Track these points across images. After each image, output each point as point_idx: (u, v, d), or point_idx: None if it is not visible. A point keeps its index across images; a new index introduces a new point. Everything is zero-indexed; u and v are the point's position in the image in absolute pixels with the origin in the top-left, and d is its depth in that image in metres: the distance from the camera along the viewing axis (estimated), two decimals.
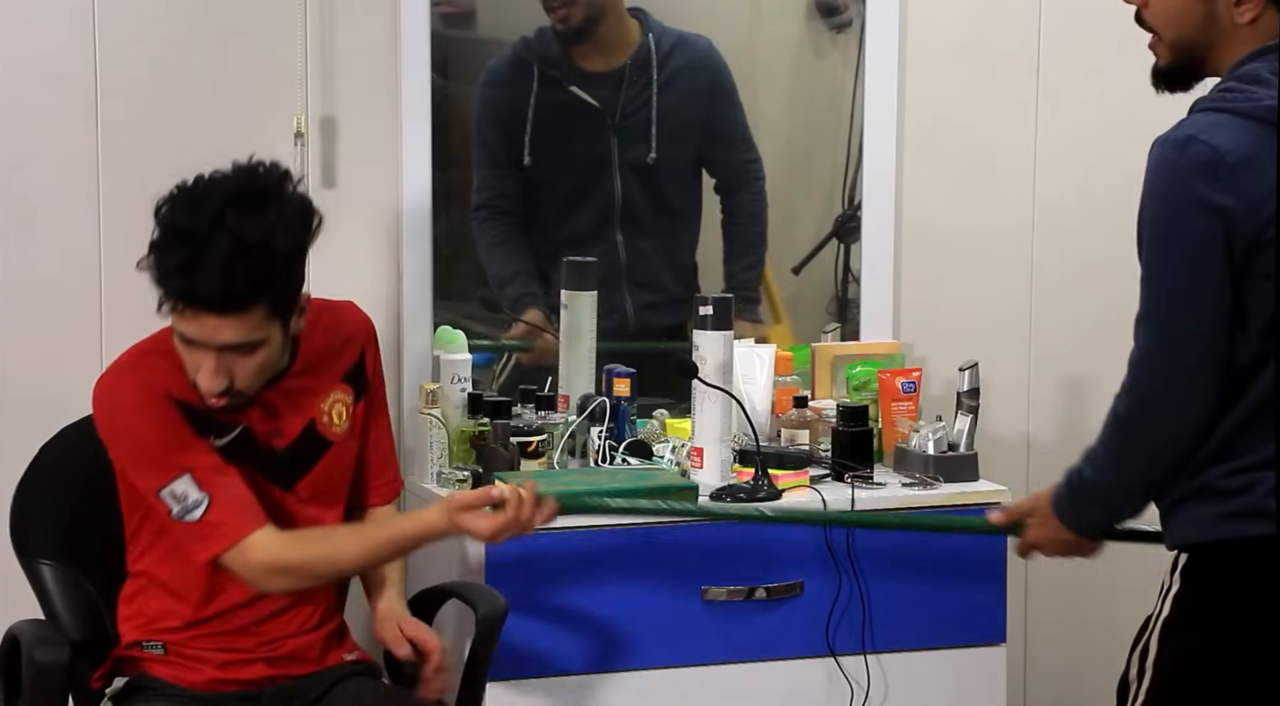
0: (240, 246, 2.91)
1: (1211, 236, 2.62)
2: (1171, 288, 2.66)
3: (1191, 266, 2.64)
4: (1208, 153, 2.63)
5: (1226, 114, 2.67)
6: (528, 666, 3.45)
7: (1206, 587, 2.72)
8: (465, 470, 3.65)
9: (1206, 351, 2.65)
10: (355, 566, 3.17)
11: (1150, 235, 2.69)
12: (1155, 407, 2.69)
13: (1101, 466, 2.79)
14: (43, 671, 3.04)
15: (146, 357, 3.10)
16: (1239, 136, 2.64)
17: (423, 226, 3.84)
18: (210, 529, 3.04)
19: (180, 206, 2.96)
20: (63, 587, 3.25)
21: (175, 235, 2.94)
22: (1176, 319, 2.66)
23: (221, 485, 3.05)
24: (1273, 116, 2.63)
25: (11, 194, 3.63)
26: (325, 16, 3.75)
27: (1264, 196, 2.61)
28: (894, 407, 3.87)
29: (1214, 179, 2.62)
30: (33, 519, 3.29)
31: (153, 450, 3.05)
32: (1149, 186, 2.69)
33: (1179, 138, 2.66)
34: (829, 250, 4.22)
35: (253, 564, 3.06)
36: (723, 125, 4.14)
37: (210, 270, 2.90)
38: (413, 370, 3.82)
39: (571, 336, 3.87)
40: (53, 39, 3.62)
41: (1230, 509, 2.69)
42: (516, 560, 3.43)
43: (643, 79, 4.04)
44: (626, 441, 3.76)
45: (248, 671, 3.18)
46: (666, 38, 4.07)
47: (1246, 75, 2.70)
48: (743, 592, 3.55)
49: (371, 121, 3.79)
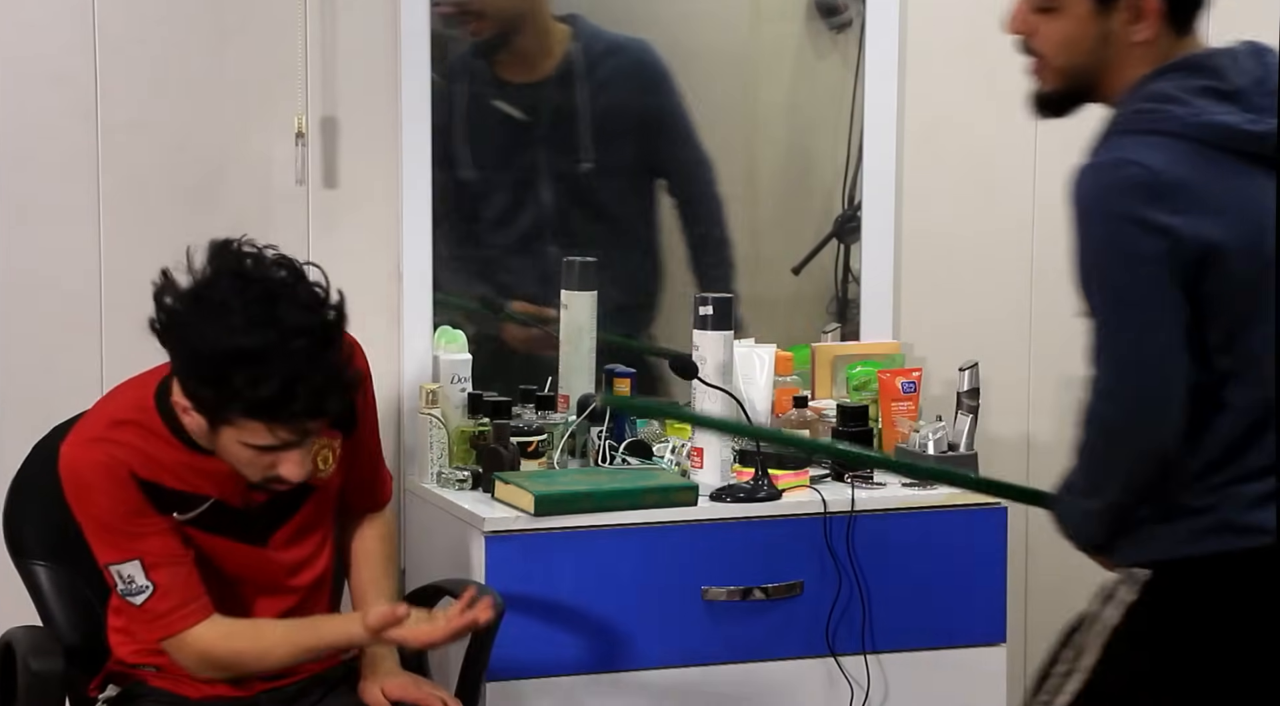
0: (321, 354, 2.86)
1: (1160, 256, 2.55)
2: (1127, 314, 2.58)
3: (1145, 290, 2.56)
4: (1144, 174, 2.55)
5: (1150, 135, 2.59)
6: (527, 666, 3.45)
7: (1170, 607, 2.66)
8: (465, 470, 3.65)
9: (1170, 378, 2.58)
10: (281, 665, 3.12)
11: (1094, 263, 2.60)
12: (1121, 436, 2.62)
13: (1075, 487, 2.71)
14: (38, 679, 3.03)
15: (117, 430, 3.03)
16: (1169, 156, 2.57)
17: (423, 226, 3.84)
18: (152, 617, 3.04)
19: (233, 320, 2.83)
20: (58, 589, 3.25)
21: (251, 358, 2.81)
22: (1136, 346, 2.58)
23: (168, 575, 3.02)
24: (1202, 133, 2.58)
25: (11, 194, 3.63)
26: (325, 16, 3.75)
27: (1204, 218, 2.56)
28: (894, 407, 3.87)
29: (1154, 199, 2.55)
30: (27, 519, 3.28)
31: (108, 528, 3.02)
32: (1083, 215, 2.60)
33: (1109, 161, 2.59)
34: (829, 250, 4.22)
35: (187, 654, 3.06)
36: (664, 128, 4.10)
37: (315, 387, 2.84)
38: (413, 370, 3.82)
39: (571, 336, 3.87)
40: (53, 39, 3.62)
41: (1200, 525, 2.63)
42: (516, 560, 3.43)
43: (570, 87, 4.01)
44: (626, 441, 3.76)
45: (241, 687, 3.17)
46: (598, 42, 4.02)
47: (1157, 95, 2.62)
48: (742, 592, 3.55)
49: (371, 121, 3.79)
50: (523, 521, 3.44)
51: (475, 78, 3.96)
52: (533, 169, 4.00)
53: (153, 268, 3.44)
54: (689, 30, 4.13)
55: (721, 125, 4.21)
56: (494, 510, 3.48)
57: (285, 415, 2.87)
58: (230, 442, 2.94)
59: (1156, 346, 2.58)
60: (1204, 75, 2.63)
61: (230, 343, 2.82)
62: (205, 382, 2.87)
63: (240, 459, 2.96)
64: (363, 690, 3.18)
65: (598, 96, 4.01)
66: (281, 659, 3.10)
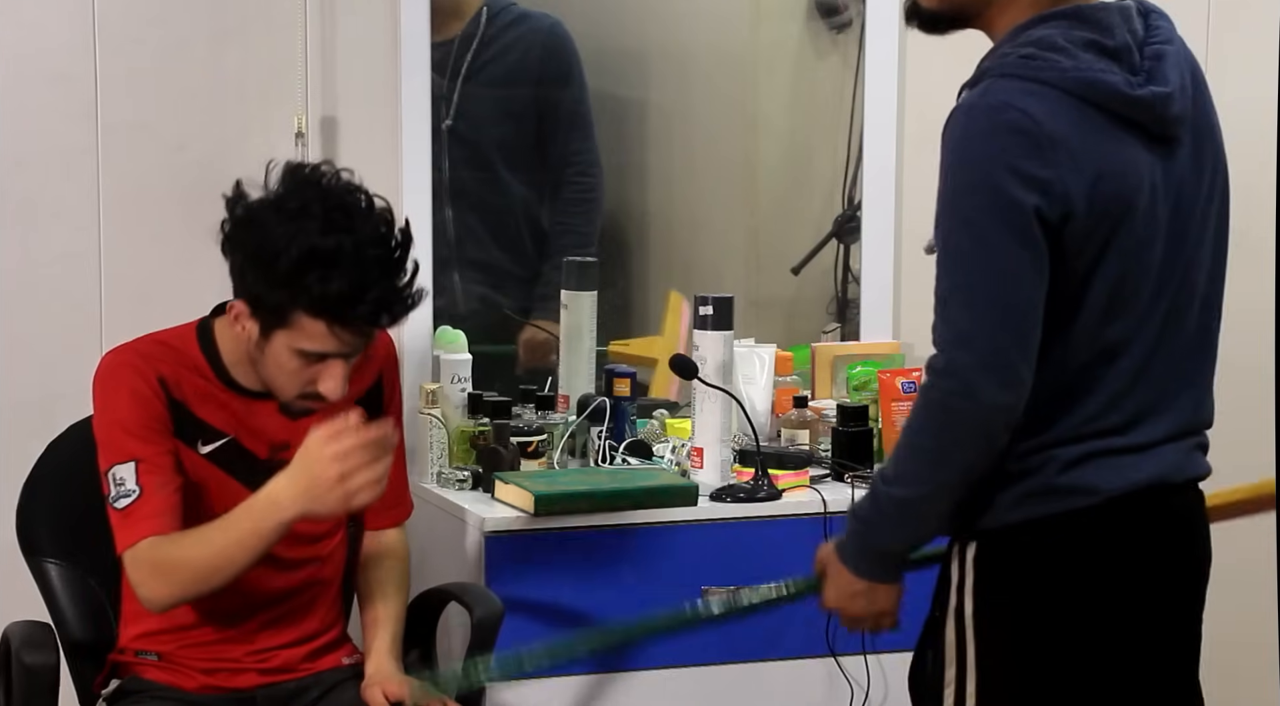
0: (391, 265, 2.98)
1: (1032, 207, 2.48)
2: (989, 260, 2.50)
3: (1011, 238, 2.49)
4: (1025, 122, 2.50)
5: (1033, 83, 2.53)
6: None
7: (1008, 573, 2.62)
8: (465, 470, 3.65)
9: (1027, 328, 2.52)
10: (227, 559, 2.98)
11: (959, 205, 2.53)
12: (980, 388, 2.51)
13: (911, 475, 2.58)
14: (32, 674, 3.04)
15: (157, 347, 3.12)
16: (1052, 107, 2.52)
17: (423, 226, 3.84)
18: (128, 523, 3.03)
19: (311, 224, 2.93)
20: (69, 587, 3.26)
21: (326, 258, 2.91)
22: (997, 292, 2.51)
23: (155, 484, 3.04)
24: (1084, 90, 2.53)
25: (12, 193, 3.63)
26: (325, 16, 3.75)
27: (1073, 176, 2.51)
28: (894, 407, 3.87)
29: (1034, 148, 2.49)
30: (39, 517, 3.29)
31: (119, 429, 3.06)
32: (955, 154, 2.54)
33: (991, 104, 2.53)
34: (829, 250, 4.22)
35: (142, 568, 3.00)
36: (551, 108, 4.07)
37: (382, 293, 2.95)
38: (413, 370, 3.82)
39: (571, 336, 3.87)
40: (53, 38, 3.63)
41: (1024, 490, 2.59)
42: (517, 560, 3.43)
43: (470, 52, 3.99)
44: (626, 441, 3.76)
45: (239, 680, 3.17)
46: (505, 13, 4.01)
47: (1044, 42, 2.57)
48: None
49: (371, 121, 3.79)
50: (523, 521, 3.44)
51: None
52: (436, 129, 3.92)
53: (153, 268, 3.46)
54: (689, 30, 4.13)
55: (721, 125, 4.22)
56: (494, 510, 3.49)
57: (350, 316, 2.94)
58: (280, 350, 3.00)
59: (1020, 299, 2.51)
60: (1089, 28, 2.58)
61: (308, 242, 2.92)
62: (276, 281, 2.94)
63: (285, 369, 3.02)
64: (364, 690, 3.18)
65: (495, 65, 3.99)
66: (221, 548, 2.97)
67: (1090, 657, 2.65)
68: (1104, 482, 2.61)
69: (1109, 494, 2.60)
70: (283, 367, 3.02)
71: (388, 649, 3.22)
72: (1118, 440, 2.61)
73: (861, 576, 2.67)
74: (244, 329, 3.02)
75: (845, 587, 2.70)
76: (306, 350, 2.99)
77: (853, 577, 2.68)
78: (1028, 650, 2.63)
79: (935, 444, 2.56)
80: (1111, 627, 2.65)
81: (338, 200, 2.99)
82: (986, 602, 2.64)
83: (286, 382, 3.05)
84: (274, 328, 2.98)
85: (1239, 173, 2.85)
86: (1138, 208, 2.57)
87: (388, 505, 3.25)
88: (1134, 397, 2.62)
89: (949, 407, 2.54)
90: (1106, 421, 2.61)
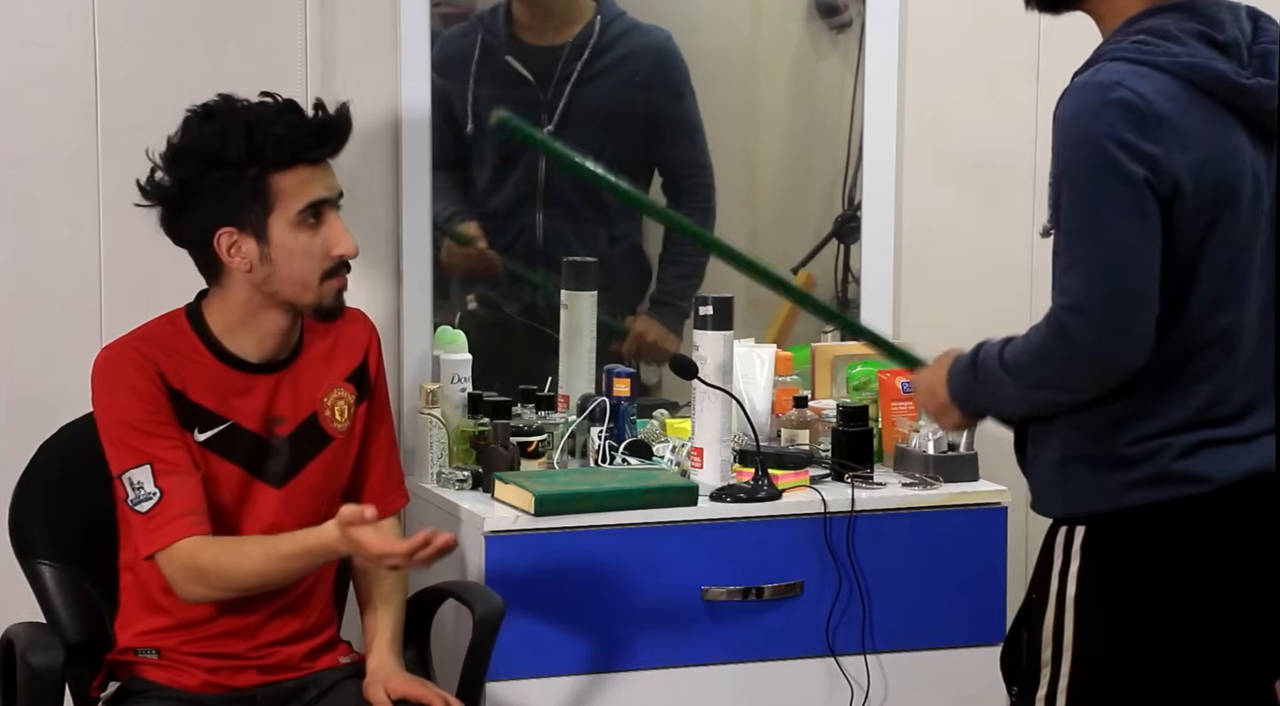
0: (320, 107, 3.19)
1: (1142, 178, 2.58)
2: (1106, 233, 2.60)
3: (1127, 211, 2.59)
4: (1134, 98, 2.60)
5: (1143, 65, 2.63)
6: (527, 666, 3.45)
7: (1117, 561, 2.69)
8: (465, 470, 3.65)
9: (1144, 298, 2.60)
10: (261, 576, 3.10)
11: (1075, 181, 2.63)
12: (1090, 353, 2.62)
13: (1017, 372, 2.72)
14: (37, 675, 3.03)
15: (148, 341, 3.16)
16: (1158, 88, 2.61)
17: (423, 226, 3.84)
18: (154, 526, 3.06)
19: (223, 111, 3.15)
20: (62, 588, 3.25)
21: (260, 114, 3.12)
22: (1113, 265, 2.60)
23: (176, 484, 3.07)
24: (1193, 74, 2.62)
25: (12, 193, 3.63)
26: (325, 16, 3.75)
27: (1181, 155, 2.60)
28: (894, 407, 3.87)
29: (1142, 126, 2.59)
30: (32, 519, 3.28)
31: (127, 429, 3.09)
32: (1069, 133, 2.64)
33: (1101, 82, 2.62)
34: (829, 250, 4.22)
35: (176, 567, 3.07)
36: (666, 123, 4.09)
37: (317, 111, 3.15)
38: (413, 370, 3.82)
39: (571, 336, 3.87)
40: (53, 39, 3.62)
41: (1136, 476, 2.67)
42: (517, 560, 3.43)
43: (581, 60, 4.01)
44: (626, 441, 3.76)
45: (239, 677, 3.18)
46: (618, 22, 4.03)
47: (1157, 30, 2.67)
48: (742, 592, 3.55)
49: (371, 121, 3.79)
50: (523, 521, 3.44)
51: (491, 30, 3.97)
52: None
53: (153, 268, 3.46)
54: (689, 30, 4.13)
55: (721, 125, 4.21)
56: (494, 510, 3.49)
57: (309, 137, 3.11)
58: (285, 234, 3.09)
59: (1135, 268, 2.60)
60: (1201, 20, 2.68)
61: (237, 119, 3.11)
62: (238, 164, 3.08)
63: (299, 251, 3.11)
64: (366, 688, 3.19)
65: (608, 74, 4.01)
66: (258, 565, 3.07)
67: (1190, 645, 2.72)
68: (1217, 471, 2.67)
69: (1221, 482, 2.67)
70: (296, 251, 3.10)
71: (389, 645, 3.23)
72: (1228, 430, 2.68)
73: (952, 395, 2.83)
74: (244, 257, 3.10)
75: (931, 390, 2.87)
76: (308, 204, 3.09)
77: (944, 389, 2.84)
78: (1130, 635, 2.69)
79: (1036, 372, 2.69)
80: (1213, 617, 2.70)
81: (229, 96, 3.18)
82: (1092, 587, 2.69)
83: (309, 266, 3.12)
84: (265, 216, 3.08)
85: None
86: (1243, 194, 2.65)
87: (381, 495, 3.28)
88: (1243, 388, 2.69)
89: (1055, 359, 2.65)
90: (1219, 410, 2.67)
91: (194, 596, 3.10)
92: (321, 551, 3.05)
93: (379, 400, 3.32)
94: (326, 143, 3.14)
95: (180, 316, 3.19)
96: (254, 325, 3.16)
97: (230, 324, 3.16)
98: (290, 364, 3.21)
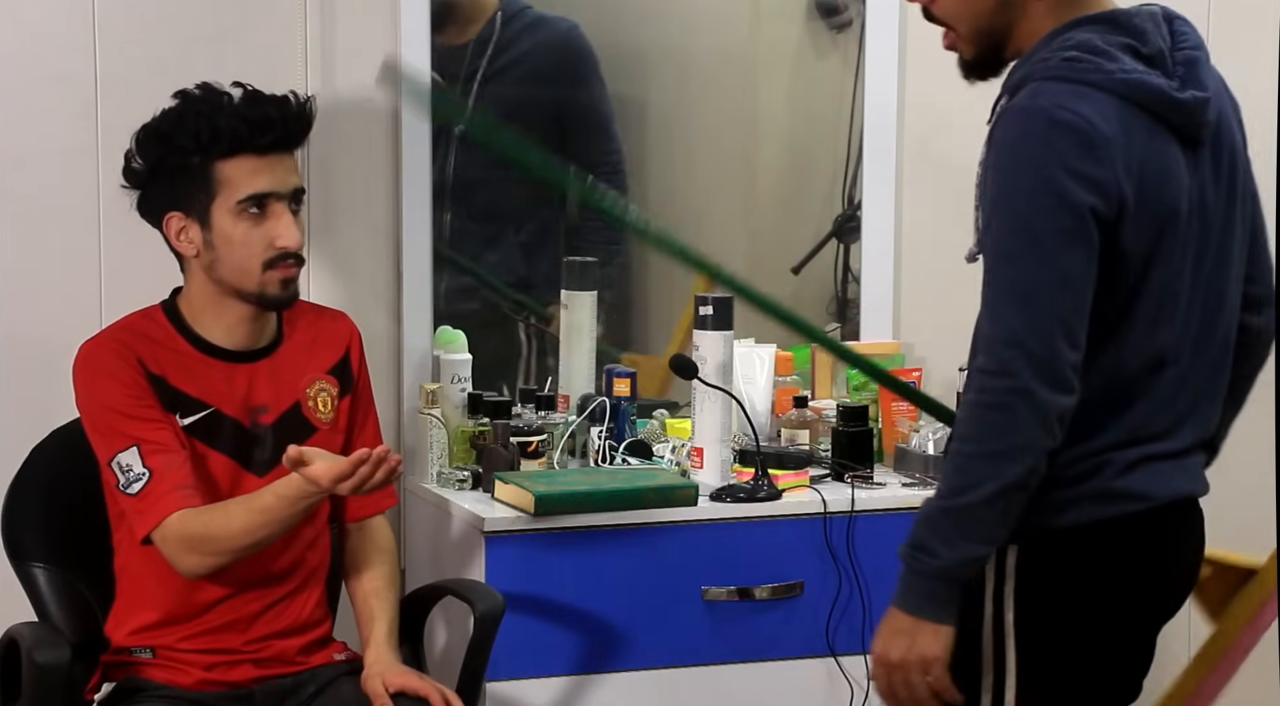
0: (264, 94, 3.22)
1: (1088, 207, 2.50)
2: (1043, 261, 2.50)
3: (1066, 239, 2.50)
4: (1079, 122, 2.51)
5: (1079, 84, 2.54)
6: (527, 666, 3.45)
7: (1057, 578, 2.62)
8: (465, 470, 3.65)
9: (1078, 329, 2.52)
10: (246, 532, 3.08)
11: (1013, 206, 2.53)
12: (1035, 387, 2.49)
13: (973, 480, 2.51)
14: (44, 673, 3.02)
15: (125, 331, 3.21)
16: (1099, 109, 2.53)
17: (423, 226, 3.83)
18: (146, 504, 3.09)
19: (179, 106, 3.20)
20: (56, 590, 3.25)
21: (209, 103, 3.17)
22: (1050, 293, 2.50)
23: (164, 462, 3.10)
24: (1131, 92, 2.55)
25: (12, 193, 3.63)
26: (325, 17, 3.75)
27: (1129, 176, 2.53)
28: (894, 407, 3.87)
29: (1088, 150, 2.50)
30: (25, 522, 3.29)
31: (112, 414, 3.12)
32: (1009, 157, 2.54)
33: (1043, 107, 2.53)
34: (829, 250, 4.22)
35: (169, 540, 3.09)
36: (575, 112, 4.06)
37: (272, 101, 3.18)
38: (413, 370, 3.82)
39: (571, 336, 3.87)
40: (53, 39, 3.62)
41: (1077, 494, 2.59)
42: (516, 560, 3.43)
43: (485, 57, 3.98)
44: (626, 441, 3.76)
45: (235, 672, 3.19)
46: (521, 17, 4.00)
47: (1085, 45, 2.58)
48: (742, 592, 3.55)
49: (371, 121, 3.79)
50: (523, 521, 3.44)
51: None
52: (441, 132, 3.91)
53: (153, 268, 3.45)
54: (689, 30, 4.13)
55: (721, 125, 4.22)
56: (494, 510, 3.48)
57: (258, 128, 3.14)
58: (226, 222, 3.14)
59: (1072, 301, 2.51)
60: (1125, 33, 2.60)
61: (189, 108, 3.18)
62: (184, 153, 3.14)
63: (239, 241, 3.14)
64: (364, 681, 3.20)
65: (512, 70, 3.98)
66: (244, 520, 3.08)
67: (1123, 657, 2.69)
68: (1156, 489, 2.63)
69: (1159, 500, 2.63)
70: (235, 239, 3.14)
71: (385, 639, 3.25)
72: (1164, 445, 2.64)
73: (909, 612, 2.57)
74: (191, 242, 3.16)
75: (887, 627, 2.59)
76: (244, 197, 3.12)
77: (898, 613, 2.58)
78: (1074, 653, 2.64)
79: (996, 445, 2.52)
80: (1140, 631, 2.69)
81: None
82: (1031, 608, 2.62)
83: (248, 255, 3.15)
84: (209, 203, 3.13)
85: None
86: (1181, 212, 2.60)
87: (368, 496, 3.28)
88: (1176, 405, 2.64)
89: (1006, 406, 2.51)
90: (1154, 426, 2.63)
91: (192, 567, 3.10)
92: (297, 493, 3.05)
93: (362, 396, 3.34)
94: (268, 133, 3.16)
95: (156, 309, 3.25)
96: (218, 312, 3.20)
97: (196, 311, 3.21)
98: (269, 353, 3.25)
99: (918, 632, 2.56)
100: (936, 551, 2.54)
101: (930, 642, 2.56)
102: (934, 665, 2.56)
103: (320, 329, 3.32)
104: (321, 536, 3.31)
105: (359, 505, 3.33)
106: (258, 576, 3.20)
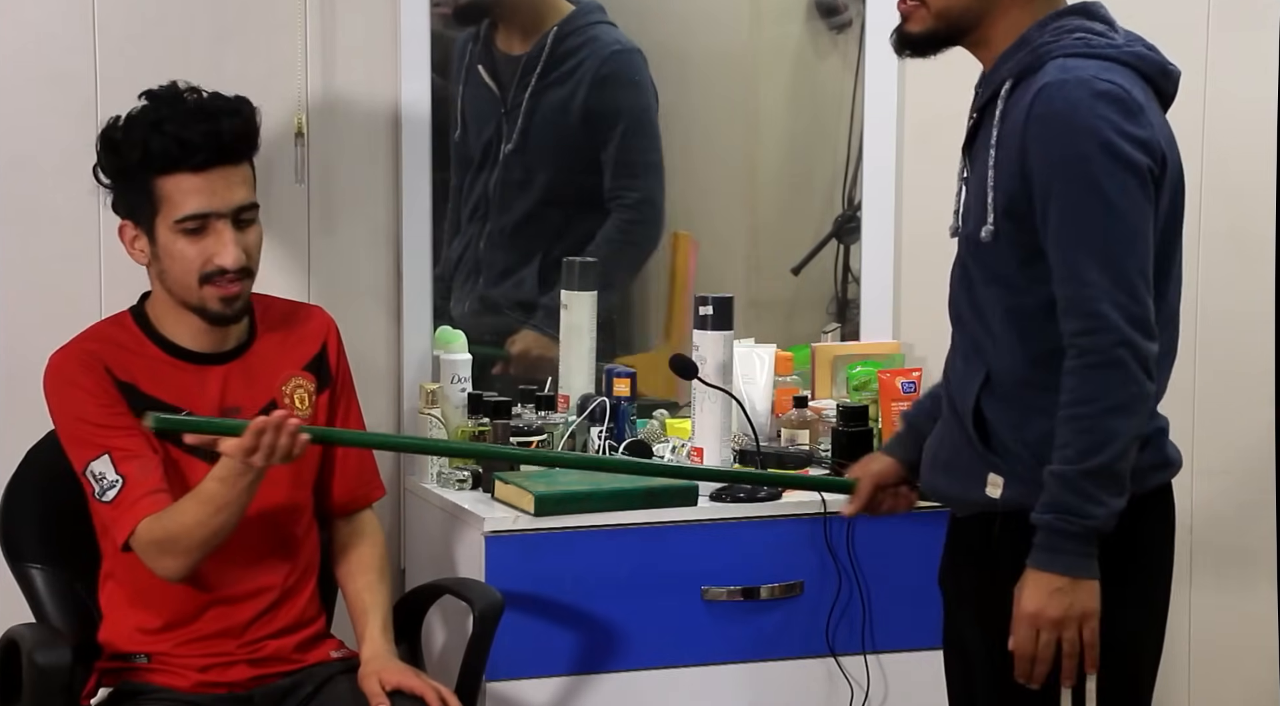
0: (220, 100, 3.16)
1: (1146, 166, 2.60)
2: (1117, 220, 2.59)
3: (1132, 198, 2.59)
4: (1119, 91, 2.61)
5: (1095, 59, 2.65)
6: (527, 666, 3.45)
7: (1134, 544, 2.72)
8: (465, 470, 3.65)
9: (1150, 280, 2.62)
10: (201, 524, 3.05)
11: (1076, 173, 2.59)
12: (1134, 339, 2.58)
13: (1103, 439, 2.59)
14: (45, 674, 3.02)
15: (93, 340, 3.21)
16: (1127, 79, 2.65)
17: (423, 226, 3.84)
18: (120, 512, 3.09)
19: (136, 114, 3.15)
20: (53, 592, 3.26)
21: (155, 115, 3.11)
22: (1129, 250, 2.60)
23: (137, 468, 3.10)
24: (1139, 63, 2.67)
25: (12, 193, 3.63)
26: (325, 16, 3.75)
27: (1162, 139, 2.65)
28: (894, 407, 3.87)
29: (1131, 115, 2.61)
30: (22, 522, 3.29)
31: (82, 424, 3.13)
32: (1060, 127, 2.60)
33: (1080, 78, 2.61)
34: (829, 250, 4.22)
35: (144, 546, 3.09)
36: (609, 139, 4.03)
37: (212, 116, 3.11)
38: (413, 370, 3.82)
39: (571, 336, 3.87)
40: (53, 39, 3.62)
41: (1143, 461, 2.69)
42: (516, 559, 3.43)
43: (536, 71, 3.97)
44: (626, 441, 3.76)
45: (232, 673, 3.18)
46: (577, 34, 3.98)
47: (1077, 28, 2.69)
48: (742, 592, 3.55)
49: (371, 121, 3.79)
50: (523, 521, 3.44)
51: (479, 36, 3.96)
52: (492, 143, 3.96)
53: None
54: (689, 30, 4.13)
55: (722, 125, 4.22)
56: (494, 510, 3.49)
57: (196, 147, 3.08)
58: (169, 237, 3.11)
59: (1145, 254, 2.62)
60: (1100, 19, 2.74)
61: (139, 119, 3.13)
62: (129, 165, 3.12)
63: (180, 256, 3.12)
64: (361, 679, 3.20)
65: (559, 87, 3.98)
66: (195, 513, 3.06)
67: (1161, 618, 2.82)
68: (1176, 456, 2.78)
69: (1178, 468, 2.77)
70: (174, 254, 3.12)
71: (380, 633, 3.25)
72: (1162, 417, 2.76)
73: (1063, 572, 2.64)
74: (142, 251, 3.16)
75: (1041, 588, 2.65)
76: (184, 215, 3.09)
77: (1049, 575, 2.64)
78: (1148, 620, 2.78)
79: (1116, 399, 2.60)
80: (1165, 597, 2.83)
81: None
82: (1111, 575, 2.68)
83: (185, 271, 3.13)
84: (153, 216, 3.11)
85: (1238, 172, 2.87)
86: (1183, 179, 2.71)
87: (355, 486, 3.32)
88: (1166, 373, 2.76)
89: (1116, 361, 2.59)
90: (1160, 392, 2.73)
91: (166, 569, 3.10)
92: (230, 473, 3.02)
93: (342, 390, 3.33)
94: (201, 152, 3.09)
95: (125, 315, 3.24)
96: (179, 317, 3.19)
97: (161, 315, 3.21)
98: (241, 354, 3.24)
99: (1076, 589, 2.64)
100: (1090, 512, 2.60)
101: (1088, 598, 2.65)
102: (1091, 617, 2.65)
103: (293, 326, 3.31)
104: (310, 532, 3.30)
105: (347, 497, 3.33)
106: (249, 578, 3.20)
